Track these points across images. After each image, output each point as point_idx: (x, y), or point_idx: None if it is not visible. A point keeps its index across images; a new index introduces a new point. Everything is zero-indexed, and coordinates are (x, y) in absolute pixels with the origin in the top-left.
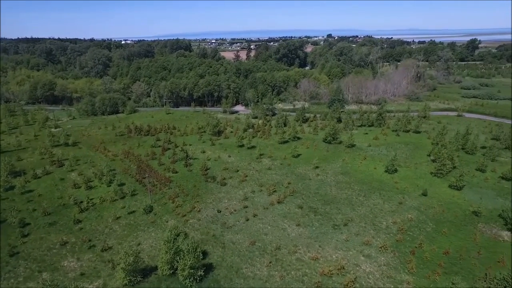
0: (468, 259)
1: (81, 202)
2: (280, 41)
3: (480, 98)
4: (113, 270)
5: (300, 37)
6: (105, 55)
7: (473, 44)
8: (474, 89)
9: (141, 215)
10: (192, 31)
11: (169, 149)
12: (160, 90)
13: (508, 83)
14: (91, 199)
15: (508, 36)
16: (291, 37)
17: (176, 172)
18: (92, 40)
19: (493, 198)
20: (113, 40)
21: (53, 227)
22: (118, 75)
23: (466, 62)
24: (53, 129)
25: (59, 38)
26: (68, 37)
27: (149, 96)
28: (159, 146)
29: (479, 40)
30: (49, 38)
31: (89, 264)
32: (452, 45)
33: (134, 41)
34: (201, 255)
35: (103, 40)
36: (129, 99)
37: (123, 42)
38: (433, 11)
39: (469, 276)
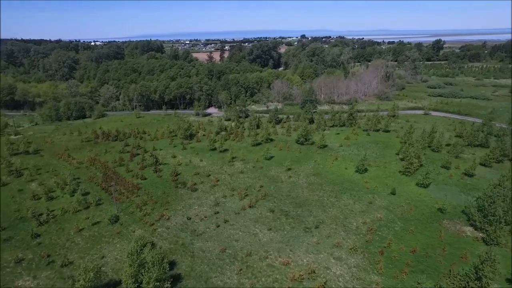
0: (434, 257)
1: (40, 214)
2: (255, 42)
3: (445, 97)
4: (73, 287)
5: (274, 38)
6: (71, 57)
7: (438, 45)
8: (439, 88)
9: (106, 225)
10: (166, 31)
11: (138, 154)
12: (130, 93)
13: (470, 82)
14: (52, 211)
15: (469, 37)
16: (266, 38)
17: (145, 179)
18: (58, 41)
19: (457, 195)
20: (81, 41)
21: (8, 243)
22: (85, 78)
23: (432, 62)
24: (12, 136)
25: (22, 39)
26: (32, 38)
27: (118, 100)
28: (128, 152)
29: (443, 41)
30: (11, 39)
31: (47, 282)
32: (419, 45)
33: (105, 42)
34: (167, 266)
35: (70, 41)
36: (97, 103)
37: (92, 43)
38: (400, 12)
39: (435, 273)
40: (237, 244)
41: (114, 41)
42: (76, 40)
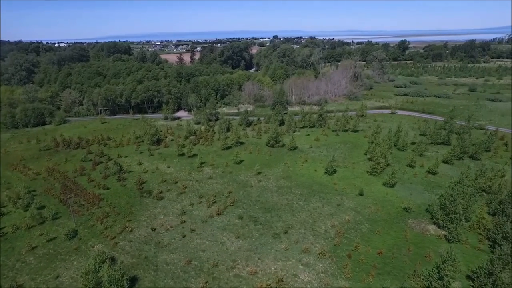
0: (399, 257)
1: None
2: (227, 42)
3: (410, 96)
4: None
5: (247, 39)
6: (29, 60)
7: (403, 45)
8: (405, 87)
9: (63, 241)
10: (137, 32)
11: (101, 162)
12: (94, 98)
13: (433, 81)
14: (2, 229)
15: (432, 38)
16: (239, 38)
17: (108, 189)
18: (18, 42)
19: (421, 193)
20: (43, 42)
21: None
22: (45, 82)
23: (398, 62)
24: None
25: None
26: None
27: (82, 105)
28: (90, 160)
29: (408, 41)
30: None
31: None
32: (386, 45)
33: (70, 43)
34: (127, 283)
35: (31, 43)
36: (58, 108)
37: (56, 44)
38: (369, 13)
39: (400, 274)
40: (204, 254)
41: (81, 42)
42: (37, 41)
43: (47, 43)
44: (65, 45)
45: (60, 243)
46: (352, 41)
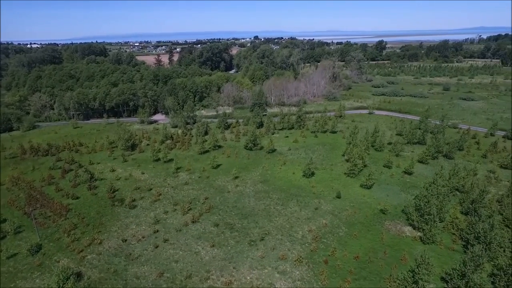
0: (376, 261)
1: None
2: (208, 43)
3: (387, 96)
4: None
5: (228, 39)
6: None
7: (381, 45)
8: (382, 87)
9: (25, 257)
10: (116, 32)
11: (71, 170)
12: (66, 102)
13: (409, 81)
14: None
15: (408, 38)
16: (219, 39)
17: (77, 198)
18: None
19: (397, 194)
20: (14, 43)
21: None
22: (13, 85)
23: (376, 62)
24: None
25: None
26: None
27: (53, 109)
28: (59, 168)
29: (385, 41)
30: None
31: None
32: (364, 46)
33: (43, 44)
34: None
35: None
36: (28, 113)
37: (28, 45)
38: (348, 13)
39: (376, 279)
40: (177, 265)
41: (55, 43)
42: (7, 42)
43: (19, 44)
44: (38, 46)
45: (21, 259)
46: (332, 41)
